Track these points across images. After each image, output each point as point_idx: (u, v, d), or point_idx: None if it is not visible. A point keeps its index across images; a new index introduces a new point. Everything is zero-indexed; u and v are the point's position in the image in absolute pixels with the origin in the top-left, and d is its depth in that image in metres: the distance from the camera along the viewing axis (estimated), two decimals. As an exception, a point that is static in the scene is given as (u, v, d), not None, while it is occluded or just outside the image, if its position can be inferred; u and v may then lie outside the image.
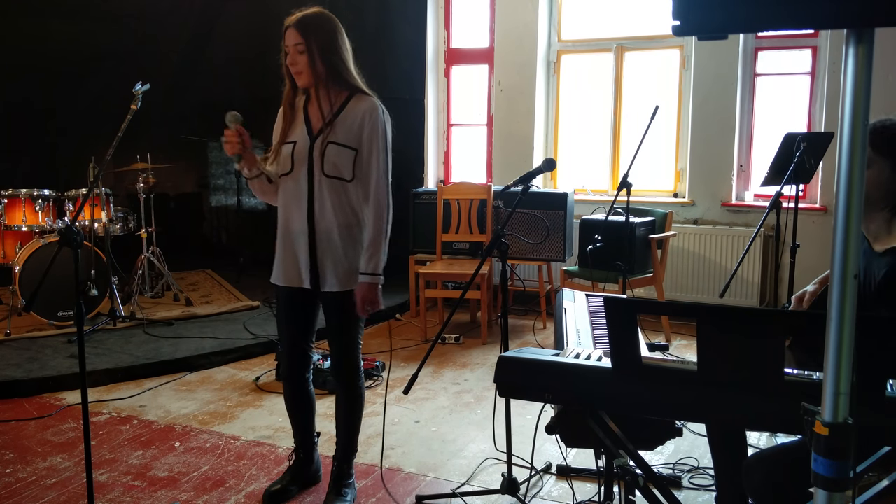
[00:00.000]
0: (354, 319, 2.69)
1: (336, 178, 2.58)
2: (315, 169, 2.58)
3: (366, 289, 2.58)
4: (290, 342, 2.81)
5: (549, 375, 1.70)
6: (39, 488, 2.98)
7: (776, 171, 4.05)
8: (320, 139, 2.58)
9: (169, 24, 7.35)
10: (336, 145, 2.56)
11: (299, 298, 2.72)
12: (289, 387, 2.88)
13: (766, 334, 1.49)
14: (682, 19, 1.11)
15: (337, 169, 2.57)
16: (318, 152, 2.57)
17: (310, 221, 2.61)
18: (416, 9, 6.43)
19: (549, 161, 2.89)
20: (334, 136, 2.56)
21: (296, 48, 2.51)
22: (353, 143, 2.58)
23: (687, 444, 3.33)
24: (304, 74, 2.54)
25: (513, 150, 6.20)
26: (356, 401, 2.81)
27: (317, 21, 2.54)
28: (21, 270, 4.88)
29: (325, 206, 2.59)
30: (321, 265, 2.63)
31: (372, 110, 2.58)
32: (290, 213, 2.66)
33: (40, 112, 6.96)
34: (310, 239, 2.62)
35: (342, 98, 2.62)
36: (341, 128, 2.57)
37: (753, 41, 5.55)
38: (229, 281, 6.59)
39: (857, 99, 1.08)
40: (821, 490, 1.16)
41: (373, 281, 2.58)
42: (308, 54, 2.51)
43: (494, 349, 4.92)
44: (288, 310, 2.77)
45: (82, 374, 2.36)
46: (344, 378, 2.78)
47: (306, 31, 2.50)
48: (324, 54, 2.53)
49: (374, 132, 2.57)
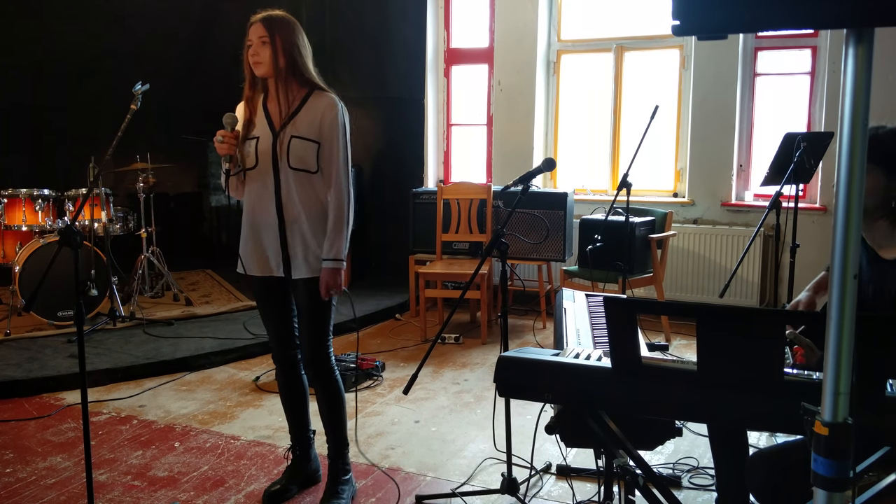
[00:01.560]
0: (324, 306, 2.76)
1: (302, 171, 2.69)
2: (280, 162, 2.69)
3: (328, 273, 2.68)
4: (274, 328, 2.88)
5: (549, 375, 1.70)
6: (39, 488, 2.98)
7: (776, 170, 4.05)
8: (283, 133, 2.68)
9: (169, 24, 7.35)
10: (300, 139, 2.67)
11: (275, 286, 2.81)
12: (281, 369, 2.93)
13: (766, 334, 1.49)
14: (682, 19, 1.11)
15: (302, 161, 2.68)
16: (283, 146, 2.68)
17: (279, 212, 2.71)
18: (416, 9, 6.43)
19: (549, 161, 2.89)
20: (296, 130, 2.68)
21: (260, 40, 2.65)
22: (314, 137, 2.69)
23: (687, 444, 3.33)
24: (264, 65, 2.66)
25: (513, 149, 6.20)
26: (334, 394, 2.84)
27: (281, 19, 2.69)
28: (21, 270, 4.88)
29: (291, 197, 2.70)
30: (293, 253, 2.73)
31: (332, 106, 2.71)
32: (259, 205, 2.74)
33: (40, 112, 6.96)
34: (280, 229, 2.72)
35: (301, 94, 2.73)
36: (303, 122, 2.69)
37: (753, 41, 5.55)
38: (229, 281, 6.59)
39: (856, 99, 1.08)
40: (821, 490, 1.16)
41: (335, 266, 2.69)
42: (271, 46, 2.64)
43: (494, 349, 4.92)
44: (266, 298, 2.86)
45: (82, 374, 2.36)
46: (317, 370, 2.81)
47: (271, 26, 2.65)
48: (285, 49, 2.66)
49: (335, 126, 2.70)
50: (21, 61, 6.81)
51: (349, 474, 2.89)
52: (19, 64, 6.81)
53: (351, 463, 2.93)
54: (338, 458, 2.86)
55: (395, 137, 6.78)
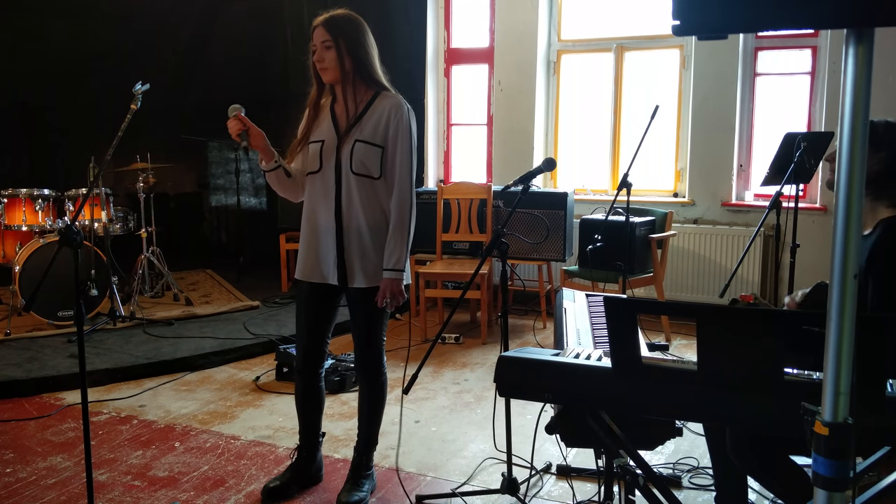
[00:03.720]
0: (380, 314, 2.73)
1: (364, 176, 2.62)
2: (343, 167, 2.63)
3: (389, 283, 2.63)
4: (308, 336, 2.83)
5: (549, 375, 1.71)
6: (39, 488, 2.98)
7: (776, 170, 4.05)
8: (348, 137, 2.62)
9: (169, 24, 7.35)
10: (363, 143, 2.61)
11: (322, 294, 2.76)
12: (301, 380, 2.89)
13: (766, 334, 1.49)
14: (682, 19, 1.11)
15: (365, 167, 2.61)
16: (346, 150, 2.61)
17: (337, 218, 2.65)
18: (416, 9, 6.43)
19: (549, 161, 2.89)
20: (361, 134, 2.61)
21: (323, 44, 2.57)
22: (379, 141, 2.62)
23: (687, 444, 3.33)
24: (331, 70, 2.58)
25: (513, 149, 6.20)
26: (379, 394, 2.85)
27: (345, 20, 2.60)
28: (21, 270, 4.88)
29: (352, 203, 2.63)
30: (349, 261, 2.67)
31: (397, 108, 2.63)
32: (318, 209, 2.69)
33: (40, 112, 6.96)
34: (337, 235, 2.67)
35: (368, 96, 2.66)
36: (368, 125, 2.62)
37: (753, 41, 5.55)
38: (229, 281, 6.59)
39: (857, 99, 1.08)
40: (821, 490, 1.16)
41: (395, 277, 2.62)
42: (336, 50, 2.56)
43: (494, 349, 4.92)
44: (309, 304, 2.80)
45: (82, 373, 2.36)
46: (368, 371, 2.82)
47: (334, 28, 2.57)
48: (351, 51, 2.58)
49: (400, 129, 2.62)
50: (21, 61, 6.81)
51: (371, 470, 2.92)
52: (19, 64, 6.81)
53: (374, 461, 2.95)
54: (363, 455, 2.88)
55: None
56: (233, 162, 7.07)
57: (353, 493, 2.80)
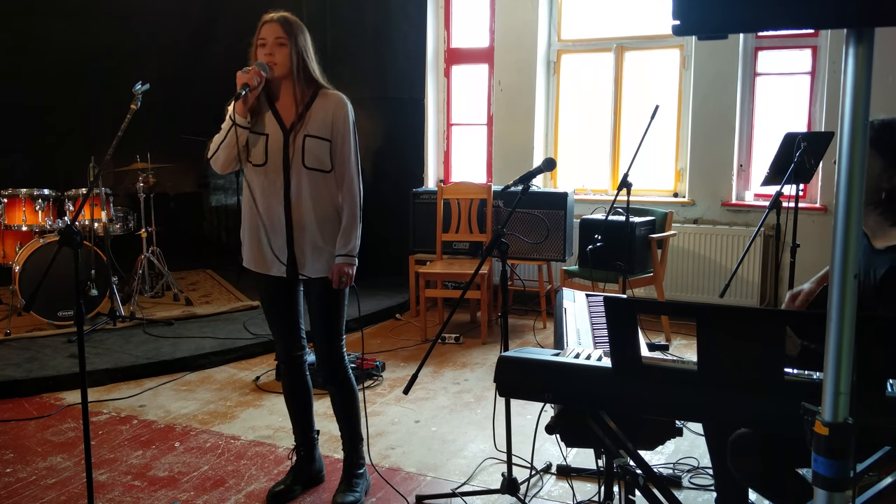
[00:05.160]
0: (337, 308, 2.77)
1: (317, 170, 2.69)
2: (292, 162, 2.68)
3: (341, 266, 2.70)
4: (280, 325, 2.87)
5: (549, 375, 1.70)
6: (39, 488, 2.98)
7: (776, 170, 4.05)
8: (295, 133, 2.67)
9: (169, 24, 7.35)
10: (314, 138, 2.67)
11: (279, 286, 2.80)
12: (286, 370, 2.92)
13: (766, 334, 1.49)
14: (682, 19, 1.11)
15: (318, 160, 2.69)
16: (296, 145, 2.67)
17: (287, 212, 2.69)
18: (416, 9, 6.43)
19: (549, 161, 2.89)
20: (309, 129, 2.68)
21: (276, 40, 2.65)
22: (327, 135, 2.70)
23: (687, 444, 3.33)
24: (280, 66, 2.66)
25: (513, 149, 6.20)
26: (348, 391, 2.85)
27: (296, 22, 2.72)
28: (21, 270, 4.88)
29: (302, 198, 2.68)
30: (300, 253, 2.72)
31: (342, 104, 2.74)
32: (265, 204, 2.71)
33: (40, 112, 6.96)
34: (287, 230, 2.71)
35: (309, 94, 2.73)
36: (315, 122, 2.69)
37: (753, 41, 5.55)
38: (229, 281, 6.59)
39: (857, 99, 1.08)
40: (821, 490, 1.16)
41: (348, 261, 2.71)
42: (288, 47, 2.64)
43: (494, 349, 4.92)
44: (271, 297, 2.85)
45: (82, 373, 2.36)
46: (332, 372, 2.82)
47: (288, 27, 2.66)
48: (299, 51, 2.67)
49: (346, 123, 2.73)
50: (21, 61, 6.81)
51: (363, 468, 2.92)
52: (19, 64, 6.80)
53: (365, 458, 2.95)
54: (352, 453, 2.89)
55: (395, 137, 6.77)
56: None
57: (347, 494, 2.80)
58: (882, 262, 2.05)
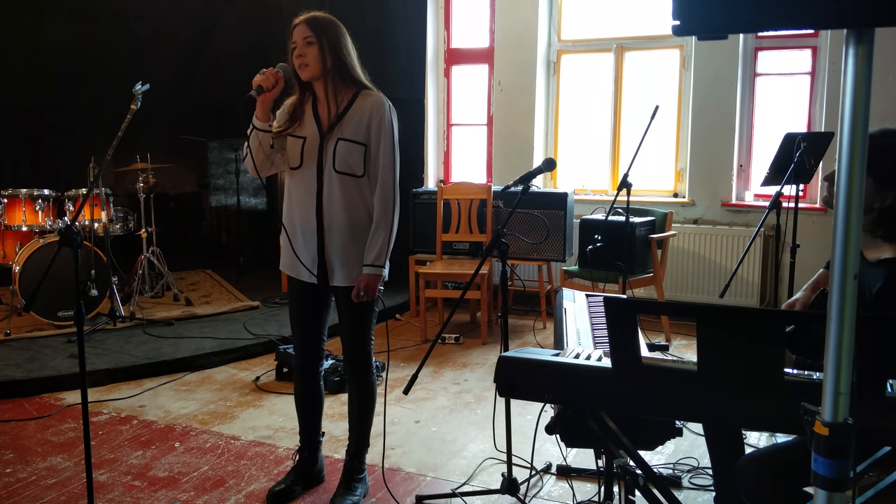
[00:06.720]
0: (367, 314, 2.73)
1: (347, 175, 2.62)
2: (325, 165, 2.63)
3: (367, 278, 2.63)
4: (302, 333, 2.84)
5: (549, 375, 1.70)
6: (39, 488, 2.98)
7: (776, 170, 4.05)
8: (331, 136, 2.62)
9: (169, 24, 7.35)
10: (346, 141, 2.61)
11: (309, 291, 2.77)
12: (301, 379, 2.89)
13: (765, 334, 1.49)
14: (682, 19, 1.11)
15: (348, 165, 2.62)
16: (329, 149, 2.62)
17: (318, 217, 2.65)
18: (416, 9, 6.42)
19: (549, 161, 2.89)
20: (343, 132, 2.61)
21: (305, 40, 2.58)
22: (362, 139, 2.63)
23: (687, 444, 3.33)
24: (311, 66, 2.59)
25: (513, 150, 6.20)
26: (368, 395, 2.84)
27: (327, 19, 2.64)
28: (21, 270, 4.88)
29: (333, 203, 2.63)
30: (329, 260, 2.68)
31: (379, 106, 2.64)
32: (299, 208, 2.69)
33: (40, 112, 6.96)
34: (318, 235, 2.66)
35: (349, 95, 2.67)
36: (350, 124, 2.63)
37: (753, 41, 5.55)
38: (229, 281, 6.58)
39: (857, 99, 1.08)
40: (821, 490, 1.16)
41: (374, 272, 2.63)
42: (318, 46, 2.58)
43: (494, 349, 4.92)
44: (299, 301, 2.81)
45: (82, 374, 2.36)
46: (356, 372, 2.81)
47: (316, 25, 2.59)
48: (332, 49, 2.60)
49: (382, 127, 2.64)
50: (21, 61, 6.81)
51: (364, 473, 2.91)
52: (19, 64, 6.81)
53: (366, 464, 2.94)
54: (356, 458, 2.87)
55: (395, 137, 6.76)
56: (233, 162, 7.07)
57: (346, 497, 2.79)
58: (876, 277, 2.04)
